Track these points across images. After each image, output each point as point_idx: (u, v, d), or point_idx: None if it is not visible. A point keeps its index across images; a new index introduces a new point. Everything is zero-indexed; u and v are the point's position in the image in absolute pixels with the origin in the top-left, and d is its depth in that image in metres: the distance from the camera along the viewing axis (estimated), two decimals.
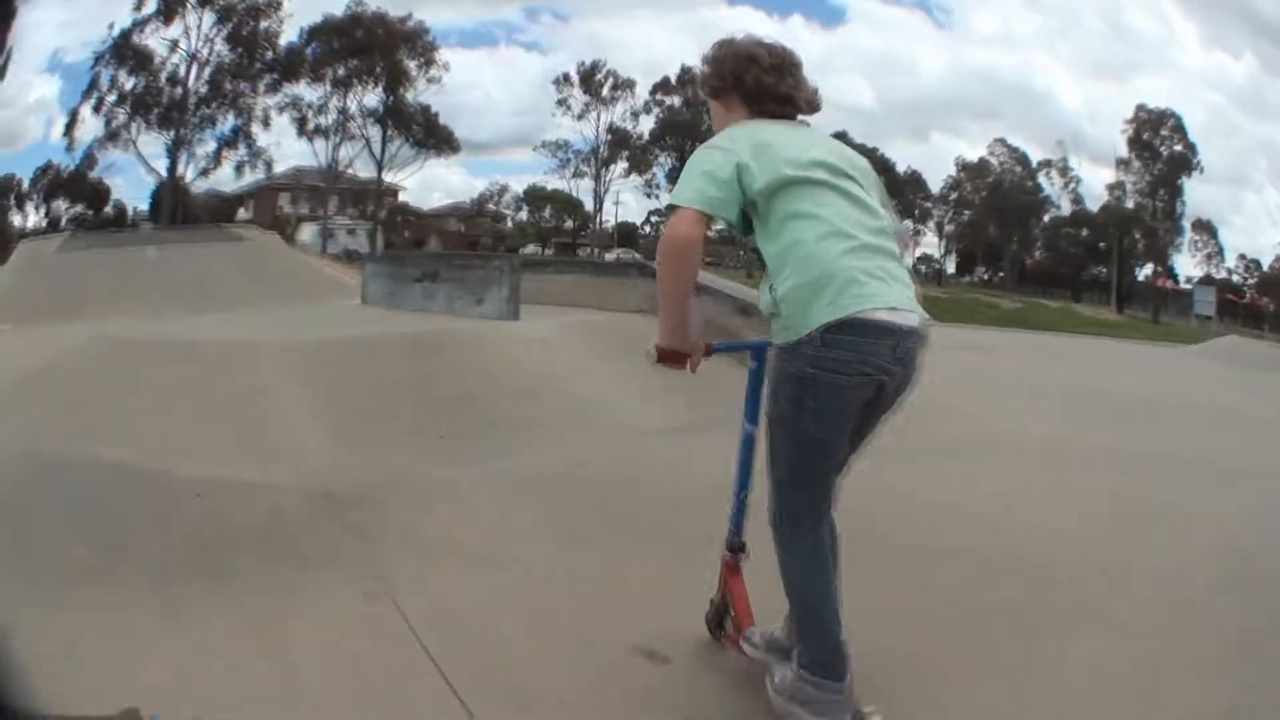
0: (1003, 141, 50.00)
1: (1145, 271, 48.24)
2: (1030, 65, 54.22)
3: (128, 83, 38.33)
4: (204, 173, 41.73)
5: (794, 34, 52.74)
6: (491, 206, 55.38)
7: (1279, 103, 50.86)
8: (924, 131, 56.64)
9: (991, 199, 49.18)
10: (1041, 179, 48.84)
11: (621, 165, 50.14)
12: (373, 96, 43.37)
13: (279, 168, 43.60)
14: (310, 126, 42.44)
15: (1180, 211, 45.15)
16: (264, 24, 39.92)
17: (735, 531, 2.72)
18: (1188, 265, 47.00)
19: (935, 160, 55.74)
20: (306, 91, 41.91)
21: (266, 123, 41.25)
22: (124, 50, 38.11)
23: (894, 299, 2.19)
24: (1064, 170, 47.70)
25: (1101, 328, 31.79)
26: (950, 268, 54.69)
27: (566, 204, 55.90)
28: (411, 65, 43.19)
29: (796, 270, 2.20)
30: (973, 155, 50.29)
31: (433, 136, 44.81)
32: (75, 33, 41.98)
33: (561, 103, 48.61)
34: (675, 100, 49.64)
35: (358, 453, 4.88)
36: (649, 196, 51.38)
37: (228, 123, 40.50)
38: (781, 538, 2.37)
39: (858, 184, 2.33)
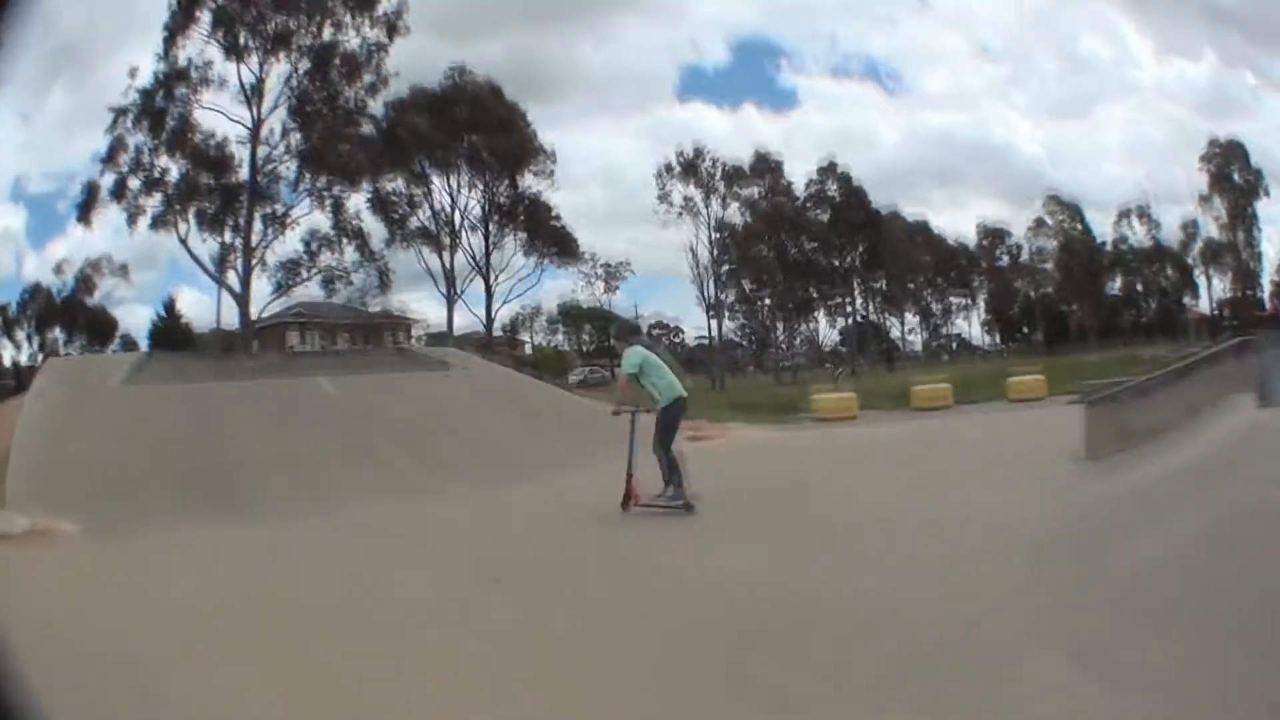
0: (1055, 198, 47.49)
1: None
2: (986, 119, 51.74)
3: (161, 158, 29.05)
4: (282, 288, 32.04)
5: (747, 122, 52.62)
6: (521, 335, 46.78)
7: (1241, 98, 48.71)
8: (890, 205, 52.04)
9: (1065, 258, 47.91)
10: (1123, 228, 47.53)
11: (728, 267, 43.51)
12: (467, 193, 35.58)
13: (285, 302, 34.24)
14: (411, 226, 33.89)
15: (1258, 237, 45.89)
16: (355, 87, 31.26)
17: (629, 471, 8.78)
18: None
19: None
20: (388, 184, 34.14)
21: (393, 210, 32.48)
22: (153, 109, 28.87)
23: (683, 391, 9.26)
24: (1143, 215, 46.47)
25: None
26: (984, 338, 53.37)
27: (606, 319, 48.18)
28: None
29: (663, 389, 8.93)
30: (938, 222, 49.80)
31: (554, 242, 36.55)
32: (37, 158, 33.09)
33: (663, 198, 41.02)
34: (754, 190, 43.49)
35: None
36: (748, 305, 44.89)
37: (296, 220, 31.60)
38: (663, 456, 8.63)
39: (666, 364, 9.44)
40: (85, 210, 29.64)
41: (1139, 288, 49.04)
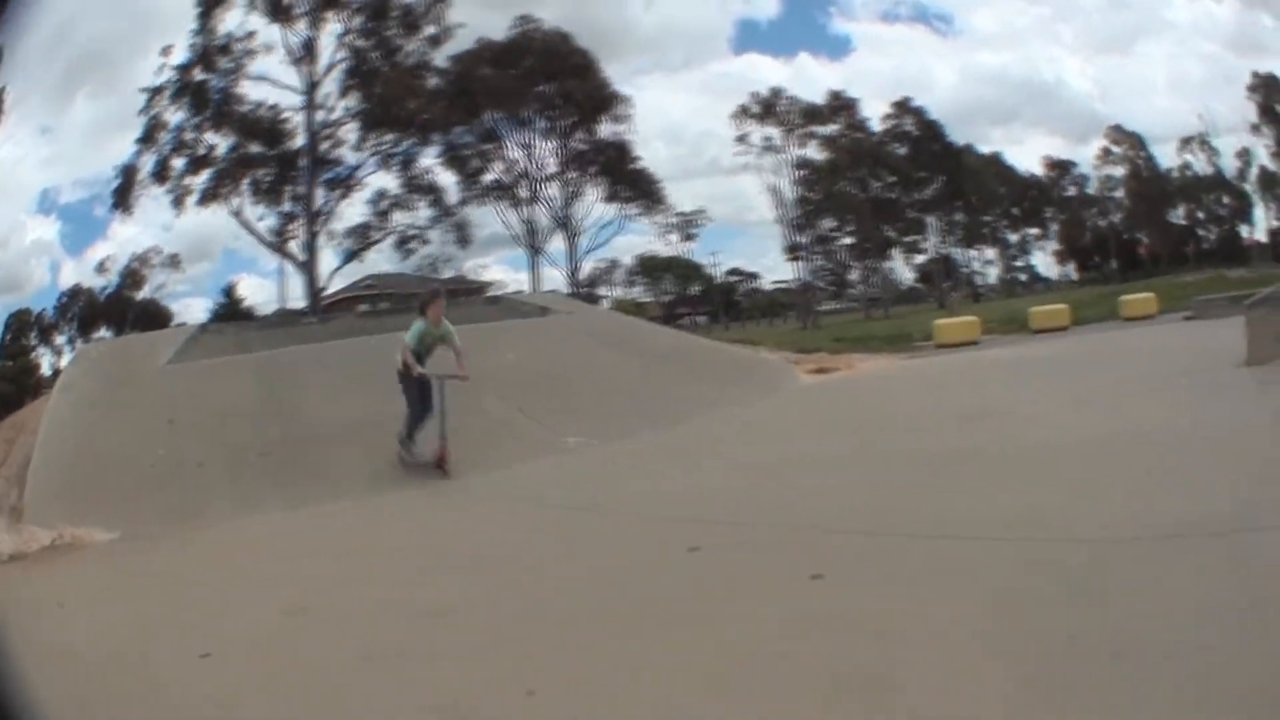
0: (1118, 128, 47.10)
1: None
2: (1035, 57, 51.73)
3: (206, 133, 27.64)
4: (352, 255, 31.12)
5: (804, 72, 52.47)
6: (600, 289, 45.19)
7: (1261, 38, 47.07)
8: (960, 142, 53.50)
9: (1138, 186, 47.61)
10: (1186, 155, 47.29)
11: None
12: (542, 142, 34.08)
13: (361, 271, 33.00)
14: (486, 180, 32.47)
15: None
16: (415, 40, 29.37)
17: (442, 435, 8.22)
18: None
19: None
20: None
21: (466, 164, 30.76)
22: (193, 85, 27.37)
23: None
24: (1204, 144, 46.03)
25: None
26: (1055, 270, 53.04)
27: (686, 270, 46.60)
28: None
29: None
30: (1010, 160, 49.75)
31: (636, 186, 34.63)
32: (65, 169, 32.00)
33: (742, 139, 40.01)
34: (831, 128, 41.90)
35: None
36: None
37: (362, 181, 30.27)
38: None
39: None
40: (123, 195, 28.26)
41: (1199, 215, 49.52)
